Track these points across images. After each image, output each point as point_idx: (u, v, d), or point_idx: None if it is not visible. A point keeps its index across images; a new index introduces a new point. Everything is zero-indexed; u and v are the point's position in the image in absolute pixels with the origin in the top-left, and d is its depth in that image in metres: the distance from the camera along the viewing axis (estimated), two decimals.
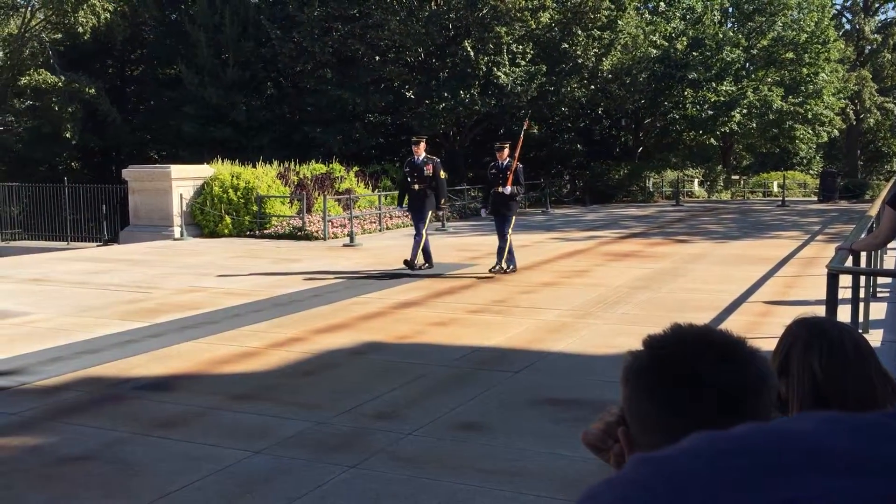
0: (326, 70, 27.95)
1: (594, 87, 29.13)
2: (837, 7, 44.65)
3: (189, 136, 29.05)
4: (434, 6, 26.84)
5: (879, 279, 9.77)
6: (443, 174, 12.66)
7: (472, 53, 25.94)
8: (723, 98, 32.10)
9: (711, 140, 37.25)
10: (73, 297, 10.39)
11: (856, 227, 8.87)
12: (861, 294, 6.99)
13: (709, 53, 31.65)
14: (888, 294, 9.71)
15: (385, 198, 21.03)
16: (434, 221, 19.78)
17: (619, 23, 28.33)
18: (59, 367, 6.88)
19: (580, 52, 27.52)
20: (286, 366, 6.93)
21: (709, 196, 35.41)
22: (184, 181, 19.07)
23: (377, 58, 27.28)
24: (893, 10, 66.54)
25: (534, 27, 26.87)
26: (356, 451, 4.89)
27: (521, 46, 26.98)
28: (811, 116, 35.28)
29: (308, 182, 20.62)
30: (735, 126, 33.39)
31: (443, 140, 29.50)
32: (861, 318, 7.08)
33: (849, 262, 6.29)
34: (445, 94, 26.33)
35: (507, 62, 26.33)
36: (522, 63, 26.82)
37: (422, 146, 12.64)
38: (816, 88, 35.13)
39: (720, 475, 0.68)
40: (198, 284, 11.39)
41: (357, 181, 22.64)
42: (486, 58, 26.34)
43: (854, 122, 43.32)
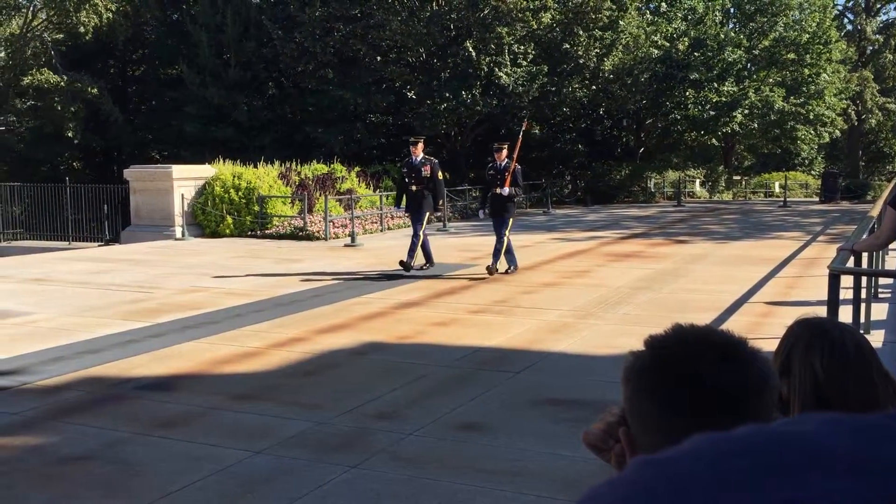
0: (328, 70, 27.95)
1: (595, 88, 29.12)
2: (839, 8, 44.67)
3: (190, 136, 29.08)
4: (435, 6, 26.83)
5: (881, 280, 9.77)
6: (441, 175, 12.55)
7: (474, 54, 25.93)
8: (724, 98, 32.09)
9: (713, 140, 37.23)
10: (75, 297, 10.40)
11: (857, 228, 8.87)
12: (862, 295, 6.98)
13: (710, 54, 31.65)
14: (889, 295, 9.70)
15: (386, 198, 21.04)
16: (433, 222, 19.86)
17: (621, 23, 28.31)
18: (61, 367, 6.88)
19: (581, 53, 27.52)
20: (287, 366, 6.94)
21: (710, 196, 35.41)
22: (185, 181, 19.07)
23: (378, 58, 27.29)
24: (895, 11, 66.55)
25: (535, 27, 26.87)
26: (357, 452, 4.89)
27: (523, 47, 26.97)
28: (813, 117, 35.27)
29: (309, 182, 20.62)
30: (737, 126, 33.38)
31: (444, 140, 29.51)
32: (862, 319, 7.08)
33: (850, 263, 6.29)
34: (447, 95, 26.32)
35: (509, 62, 26.32)
36: (524, 63, 26.82)
37: (420, 147, 12.53)
38: (818, 89, 35.12)
39: (721, 476, 0.68)
40: (199, 284, 11.39)
41: (358, 181, 22.65)
42: (488, 58, 26.34)
43: (856, 123, 43.29)
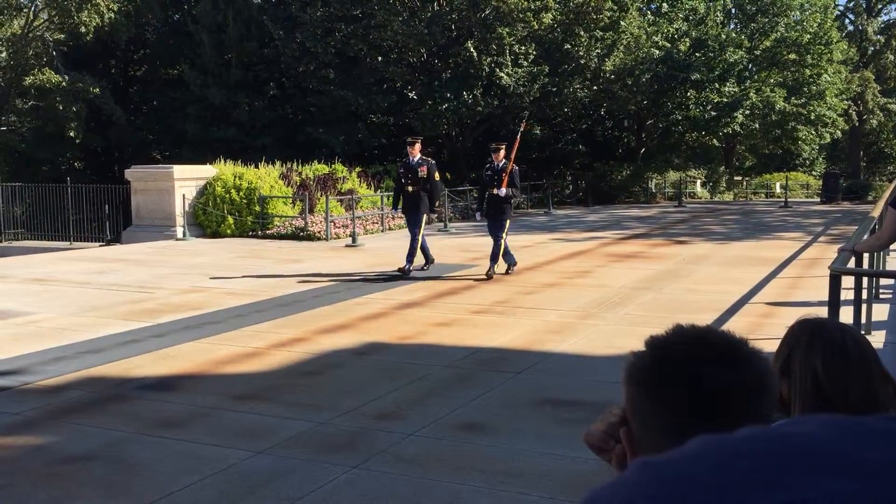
0: (329, 70, 27.96)
1: (597, 88, 29.11)
2: (840, 8, 44.66)
3: (192, 137, 29.10)
4: (436, 7, 26.84)
5: (882, 280, 9.77)
6: (437, 176, 12.43)
7: (475, 54, 25.92)
8: (725, 99, 32.08)
9: (714, 141, 37.22)
10: (76, 297, 10.40)
11: (858, 229, 8.87)
12: (863, 295, 6.98)
13: (711, 54, 31.64)
14: (890, 295, 9.69)
15: (387, 198, 21.01)
16: (432, 222, 19.84)
17: (622, 23, 28.30)
18: (62, 367, 6.89)
19: (583, 53, 27.51)
20: (288, 366, 6.94)
21: (711, 197, 35.40)
22: (186, 181, 19.07)
23: (380, 58, 27.30)
24: None
25: (536, 28, 26.86)
26: (358, 452, 4.89)
27: (524, 47, 26.96)
28: (814, 117, 35.27)
29: (310, 182, 20.63)
30: (738, 127, 33.37)
31: (445, 141, 29.51)
32: (863, 320, 7.08)
33: (851, 264, 6.30)
34: (448, 95, 26.32)
35: (510, 63, 26.31)
36: (525, 64, 26.82)
37: (417, 147, 12.43)
38: (819, 89, 35.12)
39: (722, 479, 0.69)
40: (200, 285, 11.40)
41: (359, 182, 22.65)
42: (489, 58, 26.33)
43: (857, 124, 43.29)
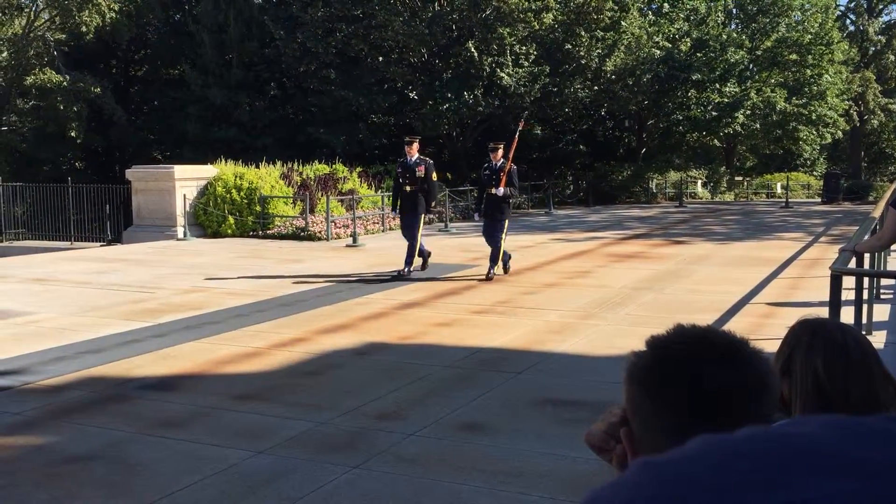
0: (330, 71, 27.97)
1: (597, 88, 29.11)
2: (841, 8, 44.64)
3: (193, 137, 29.11)
4: (437, 7, 26.84)
5: (883, 281, 9.76)
6: (435, 176, 12.37)
7: (476, 54, 25.93)
8: (726, 99, 32.08)
9: (715, 141, 37.23)
10: (77, 297, 10.41)
11: (859, 229, 8.87)
12: (864, 295, 6.98)
13: (712, 55, 31.64)
14: (891, 296, 9.69)
15: (388, 199, 21.02)
16: (432, 222, 19.84)
17: (623, 24, 28.31)
18: (63, 367, 6.89)
19: (583, 53, 27.51)
20: (289, 366, 6.94)
21: (712, 197, 35.40)
22: (187, 181, 19.08)
23: (381, 58, 27.31)
24: None
25: (537, 28, 26.86)
26: (359, 452, 4.89)
27: (525, 47, 26.97)
28: (815, 118, 35.27)
29: (311, 183, 20.63)
30: (738, 127, 33.37)
31: (446, 141, 29.52)
32: (864, 320, 7.08)
33: (852, 264, 6.30)
34: (449, 95, 26.33)
35: (511, 63, 26.32)
36: (526, 64, 26.82)
37: (415, 146, 12.37)
38: (820, 90, 35.11)
39: (723, 479, 0.69)
40: (201, 285, 11.40)
41: (360, 182, 22.65)
42: (490, 59, 26.34)
43: (858, 124, 43.28)
